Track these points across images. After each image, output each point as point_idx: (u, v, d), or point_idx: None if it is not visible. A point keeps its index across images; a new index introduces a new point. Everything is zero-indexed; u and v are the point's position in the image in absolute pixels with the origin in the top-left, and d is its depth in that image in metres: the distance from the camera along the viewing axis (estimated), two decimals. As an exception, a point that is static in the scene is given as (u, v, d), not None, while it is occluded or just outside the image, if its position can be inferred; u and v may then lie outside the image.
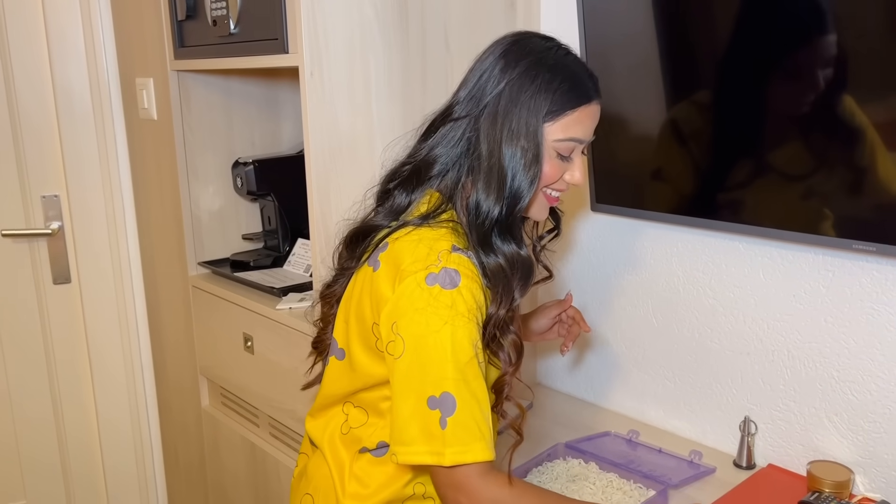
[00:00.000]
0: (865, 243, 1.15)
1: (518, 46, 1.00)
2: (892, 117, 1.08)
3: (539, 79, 0.97)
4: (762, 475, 1.36)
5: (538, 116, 0.97)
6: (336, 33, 1.33)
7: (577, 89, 0.99)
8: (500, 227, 0.99)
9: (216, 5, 1.49)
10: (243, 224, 1.88)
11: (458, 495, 0.94)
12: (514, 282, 0.98)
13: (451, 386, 0.92)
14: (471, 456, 0.92)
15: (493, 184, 0.98)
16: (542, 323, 1.34)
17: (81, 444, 2.05)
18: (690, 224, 1.40)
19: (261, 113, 1.86)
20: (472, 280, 0.95)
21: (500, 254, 0.98)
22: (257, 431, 1.72)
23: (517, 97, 0.97)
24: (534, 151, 0.97)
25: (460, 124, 1.01)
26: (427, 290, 0.93)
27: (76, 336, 2.00)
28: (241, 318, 1.65)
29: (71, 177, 1.92)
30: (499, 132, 0.97)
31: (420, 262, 0.95)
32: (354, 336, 1.04)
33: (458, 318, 0.92)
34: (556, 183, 1.03)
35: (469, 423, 0.92)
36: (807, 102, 1.16)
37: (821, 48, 1.12)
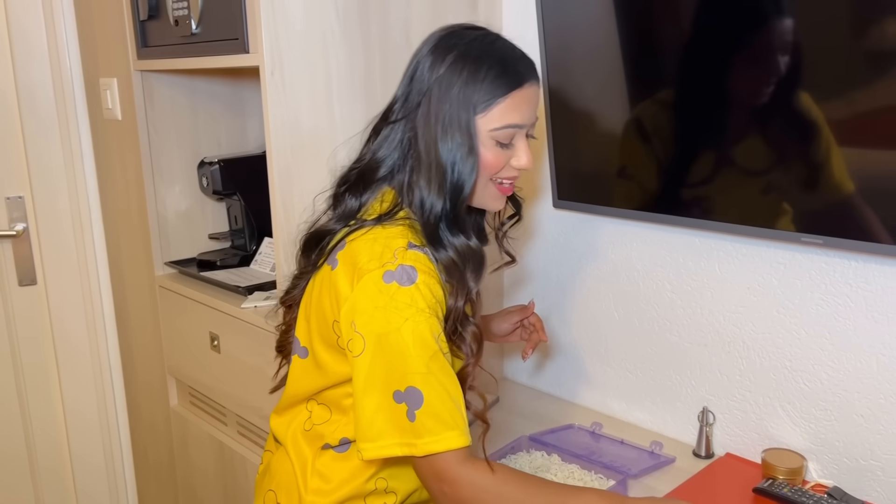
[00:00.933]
0: (813, 236, 1.19)
1: (444, 41, 1.01)
2: (845, 114, 1.11)
3: (465, 71, 0.98)
4: (720, 464, 1.39)
5: (468, 110, 0.98)
6: (297, 32, 1.34)
7: (506, 76, 0.99)
8: (447, 221, 1.00)
9: (178, 5, 1.49)
10: (210, 224, 1.88)
11: (441, 485, 0.96)
12: (466, 273, 0.99)
13: (415, 380, 0.93)
14: (444, 444, 0.93)
15: (433, 180, 0.99)
16: (504, 327, 1.37)
17: (50, 446, 2.04)
18: (650, 220, 1.43)
19: (227, 112, 1.86)
20: (429, 276, 0.96)
21: (449, 248, 1.00)
22: (225, 430, 1.72)
23: (446, 93, 0.98)
24: (468, 144, 0.98)
25: (399, 126, 1.03)
26: (385, 288, 0.94)
27: (43, 338, 1.99)
28: (207, 318, 1.65)
29: (35, 178, 1.90)
30: (433, 130, 0.99)
31: (377, 261, 0.96)
32: (316, 334, 1.06)
33: (417, 314, 0.94)
34: (504, 170, 1.04)
35: (440, 412, 0.94)
36: (764, 99, 1.19)
37: (777, 45, 1.15)
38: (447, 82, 0.98)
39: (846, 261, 1.23)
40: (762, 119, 1.21)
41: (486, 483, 0.95)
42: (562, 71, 1.46)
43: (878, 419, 1.23)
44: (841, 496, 1.22)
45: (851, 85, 1.09)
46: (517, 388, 1.77)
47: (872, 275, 1.20)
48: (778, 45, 1.15)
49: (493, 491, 0.95)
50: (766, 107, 1.19)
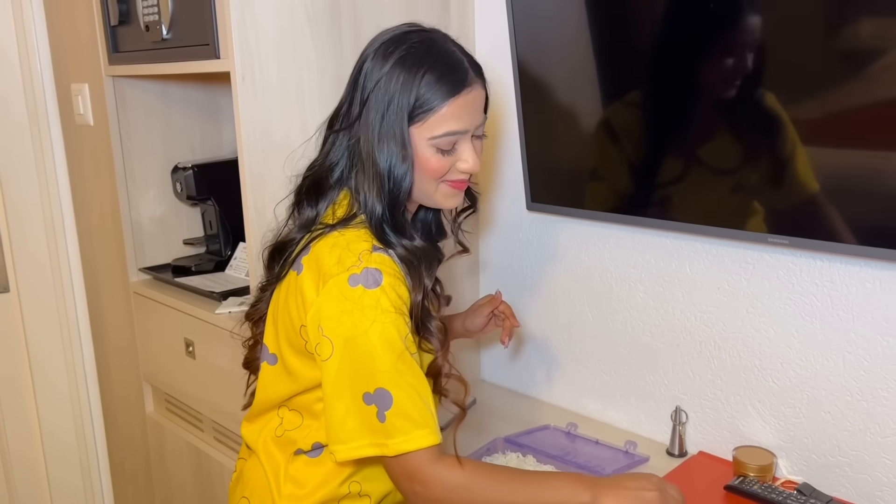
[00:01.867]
0: (779, 237, 1.21)
1: (386, 45, 1.00)
2: (809, 114, 1.13)
3: (401, 80, 0.97)
4: (692, 462, 1.40)
5: (402, 120, 0.98)
6: (267, 37, 1.34)
7: (442, 84, 0.97)
8: (390, 224, 1.01)
9: (148, 10, 1.49)
10: (185, 229, 1.87)
11: (412, 485, 0.96)
12: (421, 269, 1.01)
13: (384, 381, 0.94)
14: (415, 443, 0.94)
15: (374, 185, 1.00)
16: (478, 322, 1.37)
17: (25, 456, 2.02)
18: (622, 221, 1.44)
19: (200, 117, 1.85)
20: (394, 277, 0.97)
21: (398, 247, 1.01)
22: (202, 436, 1.72)
23: (383, 103, 0.98)
24: (403, 153, 0.99)
25: (344, 133, 1.03)
26: (351, 291, 0.95)
27: (16, 345, 1.97)
28: (181, 324, 1.64)
29: (7, 184, 1.89)
30: (371, 139, 0.99)
31: (341, 264, 0.97)
32: (284, 340, 1.06)
33: (384, 315, 0.94)
34: (450, 173, 1.03)
35: (409, 412, 0.94)
36: (730, 100, 1.21)
37: (742, 45, 1.17)
38: (384, 91, 0.98)
39: (812, 260, 1.25)
40: (729, 119, 1.22)
41: (456, 479, 0.96)
42: (533, 74, 1.47)
43: (845, 416, 1.25)
44: (810, 492, 1.24)
45: (814, 85, 1.12)
46: (494, 390, 1.78)
47: (837, 274, 1.22)
48: (743, 46, 1.17)
49: (463, 486, 0.96)
50: (732, 107, 1.21)
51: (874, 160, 1.09)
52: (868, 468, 1.24)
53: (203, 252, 1.85)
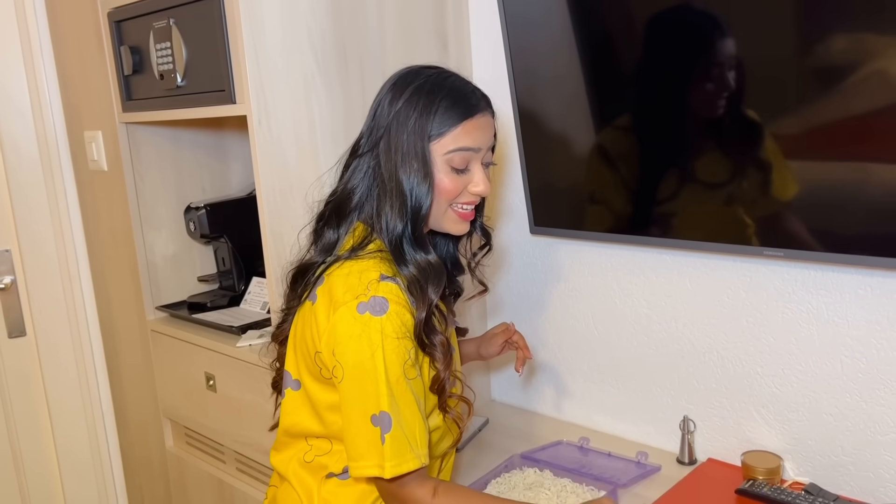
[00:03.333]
0: (774, 249, 1.28)
1: (402, 80, 1.10)
2: (788, 129, 1.21)
3: (420, 104, 1.07)
4: (703, 469, 1.46)
5: (422, 138, 1.06)
6: (280, 82, 1.41)
7: (457, 107, 1.07)
8: (409, 240, 1.09)
9: (163, 60, 1.56)
10: (198, 266, 1.92)
11: None
12: (427, 287, 1.07)
13: (386, 405, 1.02)
14: (405, 467, 1.03)
15: (395, 204, 1.08)
16: (492, 350, 1.44)
17: (44, 495, 2.04)
18: (623, 241, 1.52)
19: (209, 159, 1.92)
20: (399, 305, 1.04)
21: (411, 264, 1.08)
22: (223, 468, 1.76)
23: (404, 124, 1.07)
24: (424, 170, 1.07)
25: (365, 159, 1.11)
26: (359, 318, 1.02)
27: (34, 388, 2.00)
28: (201, 358, 1.69)
29: (22, 230, 1.94)
30: (393, 159, 1.07)
31: (351, 293, 1.04)
32: (303, 367, 1.12)
33: (387, 342, 1.02)
34: (461, 195, 1.11)
35: (401, 438, 1.02)
36: (715, 118, 1.29)
37: (721, 66, 1.25)
38: (404, 115, 1.07)
39: (806, 270, 1.32)
40: (716, 136, 1.30)
41: None
42: (531, 103, 1.55)
43: (846, 417, 1.31)
44: (817, 492, 1.30)
45: (792, 101, 1.19)
46: (506, 410, 1.83)
47: (831, 282, 1.29)
48: (722, 67, 1.25)
49: None
50: (717, 125, 1.29)
51: (854, 171, 1.16)
52: (871, 466, 1.30)
53: (217, 288, 1.91)
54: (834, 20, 1.12)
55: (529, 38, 1.51)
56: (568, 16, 1.44)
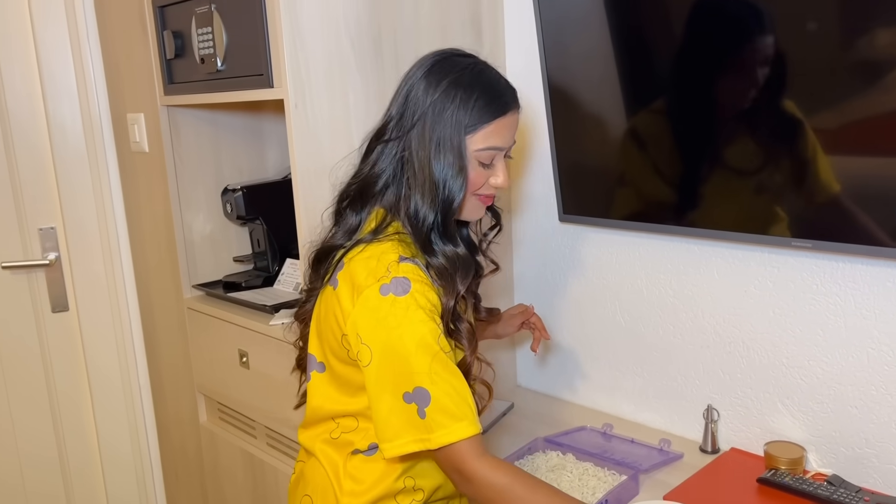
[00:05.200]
0: (802, 240, 1.28)
1: (439, 66, 1.11)
2: (829, 122, 1.21)
3: (458, 97, 1.08)
4: (725, 458, 1.47)
5: (459, 132, 1.08)
6: (316, 67, 1.44)
7: (494, 104, 1.09)
8: (438, 232, 1.10)
9: (204, 45, 1.60)
10: (234, 247, 1.98)
11: (458, 475, 1.05)
12: (456, 277, 1.09)
13: (421, 380, 1.02)
14: (455, 434, 1.02)
15: (427, 194, 1.09)
16: (509, 330, 1.48)
17: (83, 465, 2.12)
18: (651, 230, 1.53)
19: (246, 142, 1.96)
20: (421, 283, 1.06)
21: (440, 255, 1.10)
22: (255, 443, 1.81)
23: (440, 116, 1.08)
24: (459, 163, 1.08)
25: (393, 144, 1.12)
26: (383, 300, 1.04)
27: (75, 362, 2.08)
28: (235, 336, 1.74)
29: (66, 209, 2.01)
30: (427, 149, 1.08)
31: (373, 276, 1.06)
32: (329, 351, 1.15)
33: (415, 319, 1.03)
34: (483, 188, 1.14)
35: (447, 406, 1.02)
36: (752, 105, 1.29)
37: (763, 54, 1.25)
38: (441, 106, 1.07)
39: (835, 262, 1.32)
40: (751, 124, 1.30)
41: (499, 480, 1.03)
42: (563, 92, 1.57)
43: (871, 410, 1.31)
44: (840, 483, 1.30)
45: (834, 93, 1.19)
46: (531, 395, 1.86)
47: (860, 274, 1.29)
48: (762, 56, 1.25)
49: (504, 488, 1.03)
50: (754, 113, 1.29)
51: (889, 166, 1.16)
52: (895, 458, 1.30)
53: (251, 269, 1.96)
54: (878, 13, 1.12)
55: (563, 25, 1.52)
56: (602, 1, 1.45)
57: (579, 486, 1.37)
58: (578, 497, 1.31)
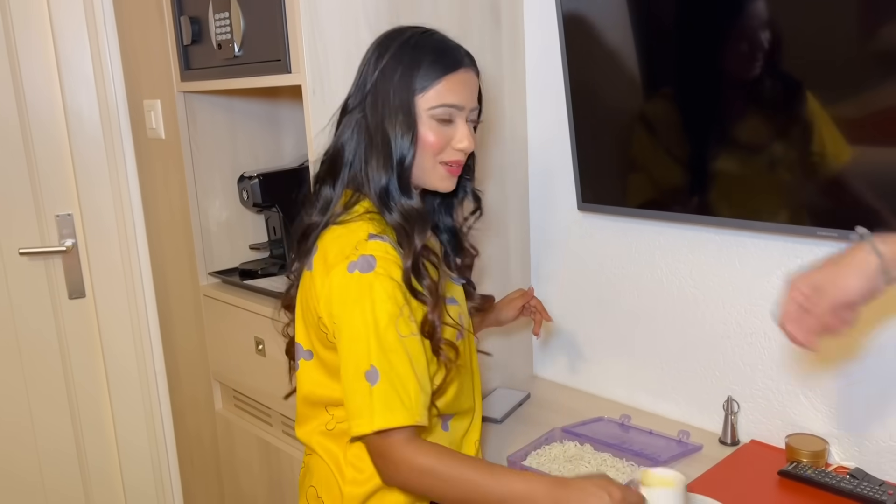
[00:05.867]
0: (828, 230, 1.26)
1: (387, 38, 1.13)
2: (851, 112, 1.19)
3: (405, 59, 1.09)
4: (745, 450, 1.46)
5: (409, 91, 1.09)
6: (334, 52, 1.43)
7: (442, 61, 1.10)
8: (396, 188, 1.11)
9: (221, 30, 1.59)
10: (250, 234, 1.97)
11: (382, 462, 1.05)
12: (413, 233, 1.09)
13: (375, 359, 1.03)
14: (393, 421, 1.02)
15: (380, 156, 1.10)
16: (510, 314, 1.48)
17: (100, 450, 2.14)
18: (670, 219, 1.51)
19: (263, 129, 1.96)
20: (387, 261, 1.06)
21: (395, 210, 1.10)
22: (271, 430, 1.81)
23: (390, 79, 1.09)
24: (408, 121, 1.09)
25: (353, 115, 1.13)
26: (349, 277, 1.05)
27: (92, 347, 2.09)
28: (252, 324, 1.74)
29: (83, 196, 2.01)
30: (379, 113, 1.10)
31: (342, 254, 1.07)
32: (314, 337, 1.14)
33: (377, 297, 1.03)
34: (446, 152, 1.13)
35: (389, 392, 1.03)
36: (774, 97, 1.27)
37: (763, 32, 1.24)
38: (390, 69, 1.09)
39: (860, 252, 1.29)
40: (775, 120, 1.28)
41: (423, 462, 1.03)
42: (582, 79, 1.55)
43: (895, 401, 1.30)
44: (862, 476, 1.29)
45: (855, 83, 1.17)
46: (547, 385, 1.85)
47: (886, 265, 1.27)
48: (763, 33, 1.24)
49: (427, 470, 1.03)
50: (781, 105, 1.27)
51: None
52: (919, 452, 1.28)
53: (267, 256, 1.95)
54: None
55: (583, 13, 1.50)
56: (623, -10, 1.43)
57: None
58: None
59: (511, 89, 1.72)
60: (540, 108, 1.74)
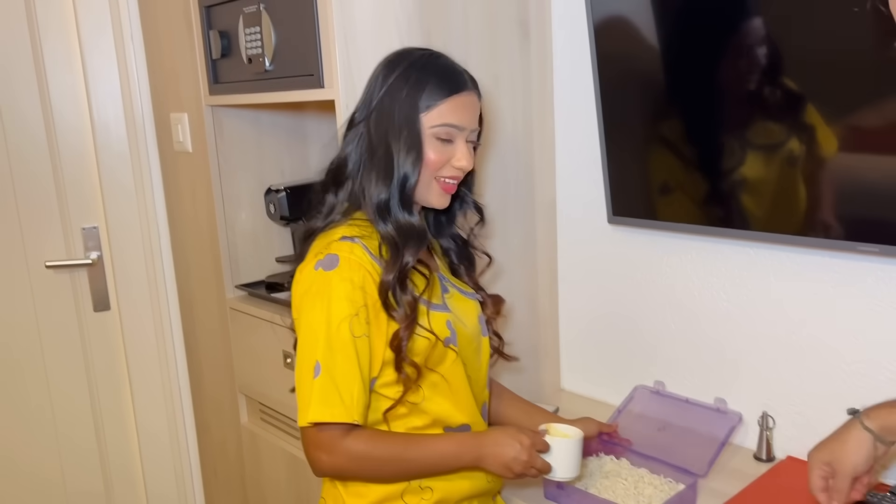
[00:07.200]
0: (869, 245, 1.25)
1: (397, 57, 1.17)
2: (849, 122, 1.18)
3: (412, 78, 1.13)
4: (782, 467, 1.44)
5: (414, 109, 1.12)
6: (368, 68, 1.41)
7: (446, 83, 1.13)
8: (398, 203, 1.13)
9: (251, 45, 1.59)
10: (276, 248, 1.97)
11: (318, 453, 1.09)
12: (404, 248, 1.12)
13: (320, 354, 1.07)
14: (329, 416, 1.06)
15: (382, 172, 1.13)
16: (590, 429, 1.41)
17: (123, 466, 2.13)
18: (704, 233, 1.50)
19: (289, 142, 1.96)
20: (350, 262, 1.09)
21: (391, 222, 1.13)
22: (297, 444, 1.80)
23: (396, 96, 1.13)
24: (414, 139, 1.12)
25: (358, 128, 1.17)
26: (312, 274, 1.10)
27: (116, 361, 2.09)
28: (280, 337, 1.73)
29: (109, 209, 2.02)
30: (384, 128, 1.13)
31: (313, 254, 1.12)
32: None
33: (333, 294, 1.07)
34: (445, 169, 1.16)
35: (329, 387, 1.06)
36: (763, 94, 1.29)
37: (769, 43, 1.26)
38: (397, 87, 1.13)
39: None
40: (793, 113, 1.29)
41: (360, 449, 1.08)
42: (613, 93, 1.54)
43: (938, 419, 1.28)
44: (904, 494, 1.27)
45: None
46: (576, 399, 1.83)
47: (927, 280, 1.26)
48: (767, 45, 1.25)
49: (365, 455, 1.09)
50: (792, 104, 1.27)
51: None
52: (962, 470, 1.26)
53: (294, 269, 1.94)
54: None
55: (615, 22, 1.50)
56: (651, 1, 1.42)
57: (635, 493, 1.34)
58: None
59: (539, 102, 1.72)
60: (568, 121, 1.73)
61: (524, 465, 1.11)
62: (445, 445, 1.13)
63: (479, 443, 1.13)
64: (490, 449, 1.12)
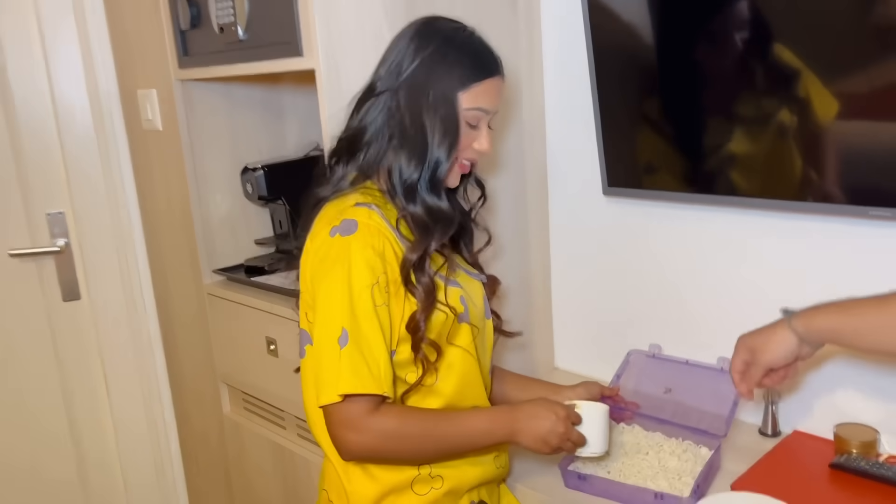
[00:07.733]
0: (881, 209, 1.20)
1: (428, 27, 1.11)
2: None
3: (450, 55, 1.07)
4: (789, 441, 1.40)
5: (452, 90, 1.06)
6: (348, 33, 1.34)
7: (484, 64, 1.09)
8: (427, 181, 1.08)
9: (222, 13, 1.50)
10: (254, 229, 1.88)
11: (346, 431, 1.01)
12: (434, 230, 1.07)
13: (346, 322, 1.00)
14: (361, 387, 0.99)
15: (414, 152, 1.07)
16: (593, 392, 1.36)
17: (100, 461, 2.04)
18: (702, 202, 1.45)
19: (265, 117, 1.87)
20: (369, 227, 1.03)
21: (420, 204, 1.07)
22: (284, 434, 1.73)
23: (432, 71, 1.06)
24: (450, 122, 1.06)
25: (382, 98, 1.10)
26: (329, 240, 1.04)
27: (89, 352, 1.99)
28: (262, 323, 1.66)
29: (75, 192, 1.91)
30: (418, 104, 1.06)
31: (326, 220, 1.05)
32: (310, 314, 1.10)
33: (353, 260, 1.01)
34: (466, 151, 1.11)
35: (357, 357, 0.99)
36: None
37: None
38: (433, 62, 1.07)
39: (912, 233, 1.24)
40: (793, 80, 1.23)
41: (391, 427, 1.02)
42: (606, 66, 1.48)
43: (951, 388, 1.24)
44: (917, 466, 1.24)
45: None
46: (570, 377, 1.76)
47: (940, 245, 1.21)
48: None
49: (397, 433, 1.03)
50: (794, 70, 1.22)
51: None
52: (976, 440, 1.23)
53: (273, 251, 1.87)
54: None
55: None
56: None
57: (661, 469, 1.27)
58: (666, 486, 1.24)
59: (529, 76, 1.64)
60: (559, 93, 1.66)
61: (561, 438, 1.08)
62: (478, 420, 1.09)
63: (512, 417, 1.08)
64: (525, 423, 1.08)
